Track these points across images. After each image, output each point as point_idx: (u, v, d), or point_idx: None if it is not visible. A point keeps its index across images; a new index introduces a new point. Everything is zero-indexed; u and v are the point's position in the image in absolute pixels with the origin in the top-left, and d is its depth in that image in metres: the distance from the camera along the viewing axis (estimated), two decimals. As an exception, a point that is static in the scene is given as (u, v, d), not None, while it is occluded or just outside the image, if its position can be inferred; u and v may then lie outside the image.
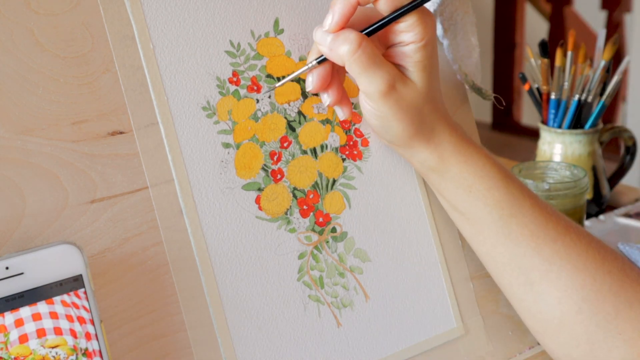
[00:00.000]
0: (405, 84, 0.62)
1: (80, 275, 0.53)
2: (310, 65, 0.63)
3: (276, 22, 0.67)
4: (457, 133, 0.65)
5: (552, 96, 1.12)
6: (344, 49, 0.60)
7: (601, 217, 1.11)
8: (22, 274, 0.51)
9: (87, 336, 0.52)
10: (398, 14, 0.61)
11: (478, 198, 0.64)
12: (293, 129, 0.65)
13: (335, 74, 0.64)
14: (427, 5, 0.70)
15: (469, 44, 0.75)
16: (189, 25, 0.63)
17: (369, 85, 0.61)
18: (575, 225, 0.64)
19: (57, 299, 0.52)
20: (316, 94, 0.66)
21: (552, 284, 0.62)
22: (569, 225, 0.64)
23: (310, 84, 0.63)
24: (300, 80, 0.67)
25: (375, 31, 0.62)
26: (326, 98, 0.64)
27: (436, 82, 0.64)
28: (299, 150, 0.65)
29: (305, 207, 0.65)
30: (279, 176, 0.64)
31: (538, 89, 1.15)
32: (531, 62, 1.14)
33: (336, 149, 0.67)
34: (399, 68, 0.63)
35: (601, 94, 1.11)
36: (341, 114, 0.66)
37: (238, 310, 0.61)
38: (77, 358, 0.51)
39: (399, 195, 0.69)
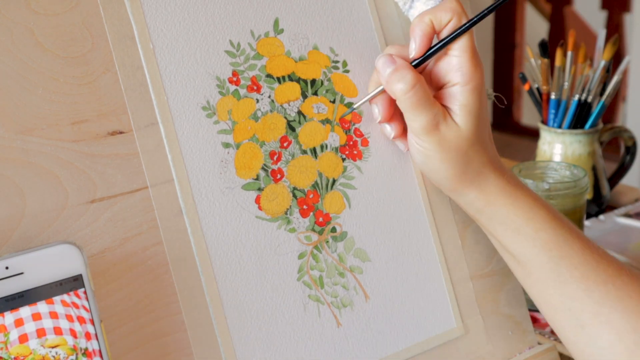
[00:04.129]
0: (448, 126, 0.64)
1: (80, 275, 0.53)
2: (377, 90, 0.66)
3: (276, 22, 0.67)
4: (504, 176, 0.66)
5: (552, 96, 1.12)
6: (398, 87, 0.63)
7: (601, 217, 1.11)
8: (22, 273, 0.51)
9: (87, 336, 0.52)
10: (451, 38, 0.64)
11: (527, 239, 0.64)
12: (293, 129, 0.65)
13: (397, 108, 0.67)
14: (430, 3, 0.70)
15: (469, 44, 0.75)
16: (188, 25, 0.63)
17: (413, 121, 0.64)
18: (628, 267, 0.64)
19: (57, 298, 0.52)
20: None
21: (603, 327, 0.61)
22: (620, 268, 0.63)
23: (379, 114, 0.67)
24: (299, 80, 0.67)
25: (427, 58, 0.65)
26: (390, 130, 0.68)
27: (484, 126, 0.66)
28: (299, 150, 0.66)
29: (305, 207, 0.65)
30: (278, 176, 0.64)
31: (538, 89, 1.15)
32: (531, 62, 1.14)
33: (336, 148, 0.67)
34: (447, 110, 0.65)
35: (601, 94, 1.11)
36: (402, 146, 0.69)
37: (238, 310, 0.61)
38: (77, 358, 0.51)
39: (399, 195, 0.69)
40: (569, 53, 1.11)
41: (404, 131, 0.68)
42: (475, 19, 0.64)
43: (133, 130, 0.59)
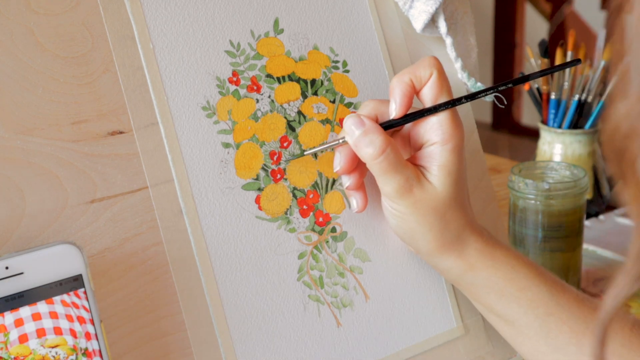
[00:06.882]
0: (423, 188, 0.61)
1: (80, 275, 0.53)
2: (339, 141, 0.63)
3: (276, 22, 0.67)
4: (483, 237, 0.64)
5: (552, 96, 1.12)
6: (367, 152, 0.61)
7: (601, 217, 1.11)
8: (22, 273, 0.51)
9: (87, 336, 0.52)
10: (433, 109, 0.62)
11: (511, 300, 0.62)
12: (293, 129, 0.65)
13: (361, 162, 0.64)
14: (430, 3, 0.70)
15: (468, 44, 0.75)
16: (188, 25, 0.63)
17: (384, 185, 0.61)
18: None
19: (57, 298, 0.52)
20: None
21: None
22: None
23: (337, 165, 0.64)
24: (299, 80, 0.67)
25: (404, 122, 0.63)
26: (346, 180, 0.65)
27: (462, 188, 0.63)
28: (299, 150, 0.66)
29: (305, 207, 0.65)
30: (278, 176, 0.64)
31: (538, 89, 1.15)
32: (531, 62, 1.14)
33: (336, 148, 0.67)
34: (422, 170, 0.62)
35: (601, 94, 1.11)
36: (355, 205, 0.65)
37: (238, 310, 0.61)
38: (77, 358, 0.51)
39: (399, 195, 0.69)
40: (569, 53, 1.11)
41: (360, 186, 0.65)
42: (462, 99, 0.63)
43: (133, 130, 0.59)
